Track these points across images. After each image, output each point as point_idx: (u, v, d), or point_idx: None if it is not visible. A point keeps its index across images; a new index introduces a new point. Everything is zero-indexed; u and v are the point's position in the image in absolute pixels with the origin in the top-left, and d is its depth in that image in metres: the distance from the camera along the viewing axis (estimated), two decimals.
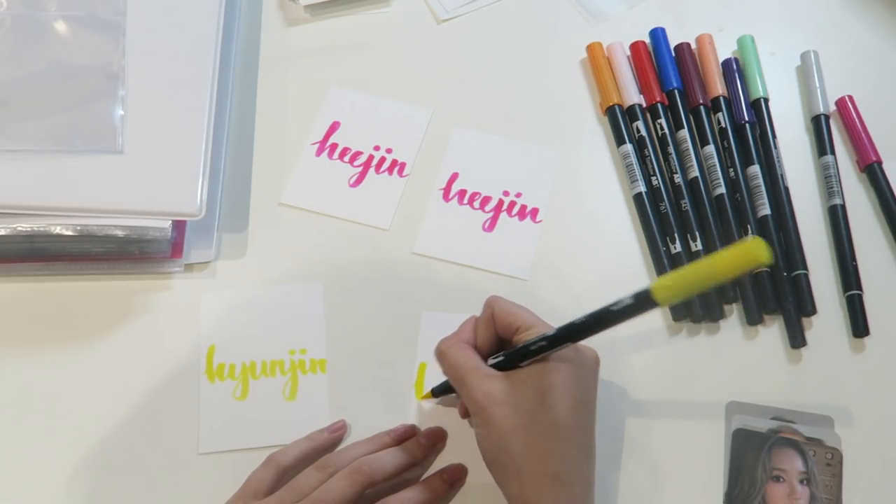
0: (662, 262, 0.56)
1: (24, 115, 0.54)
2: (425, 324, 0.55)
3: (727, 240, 0.57)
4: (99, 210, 0.53)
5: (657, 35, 0.65)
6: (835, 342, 0.54)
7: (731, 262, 0.36)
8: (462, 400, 0.48)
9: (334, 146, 0.61)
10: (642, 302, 0.40)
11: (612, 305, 0.41)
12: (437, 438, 0.50)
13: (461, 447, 0.51)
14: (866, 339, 0.54)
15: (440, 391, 0.51)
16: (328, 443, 0.50)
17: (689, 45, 0.64)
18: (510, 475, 0.44)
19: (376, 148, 0.61)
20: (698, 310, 0.54)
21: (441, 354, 0.47)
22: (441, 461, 0.51)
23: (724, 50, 0.65)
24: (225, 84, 0.61)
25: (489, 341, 0.48)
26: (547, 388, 0.43)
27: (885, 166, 0.59)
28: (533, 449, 0.43)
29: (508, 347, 0.47)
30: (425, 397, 0.52)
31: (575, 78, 0.65)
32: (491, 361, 0.47)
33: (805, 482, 0.50)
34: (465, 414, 0.50)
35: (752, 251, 0.35)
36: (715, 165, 0.59)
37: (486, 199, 0.59)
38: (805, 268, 0.56)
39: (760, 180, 0.58)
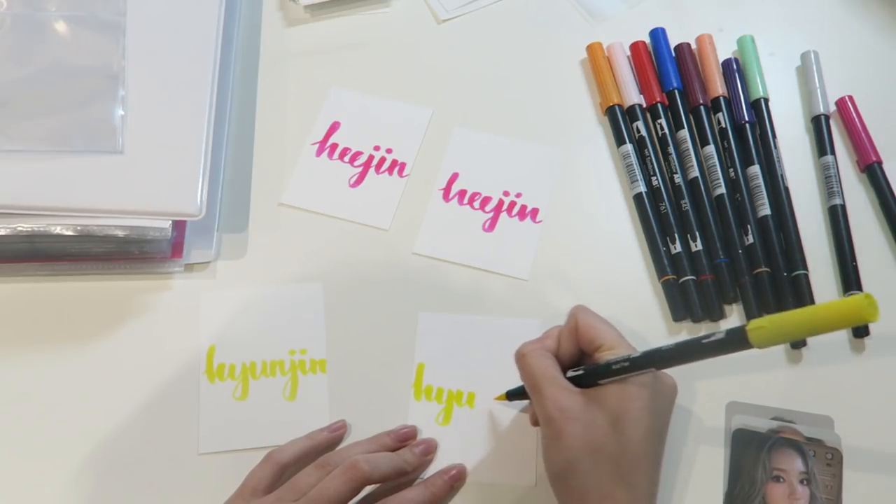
0: (662, 262, 0.56)
1: (24, 115, 0.54)
2: (423, 324, 0.55)
3: (728, 241, 0.57)
4: (99, 210, 0.53)
5: (657, 35, 0.65)
6: (835, 342, 0.54)
7: (836, 317, 0.35)
8: (534, 408, 0.47)
9: (334, 146, 0.61)
10: (735, 340, 0.38)
11: (703, 338, 0.41)
12: (429, 450, 0.50)
13: (462, 448, 0.51)
14: (866, 339, 0.54)
15: (514, 395, 0.51)
16: (328, 442, 0.50)
17: (689, 45, 0.64)
18: (574, 493, 0.43)
19: (376, 148, 0.61)
20: (698, 310, 0.54)
21: (521, 358, 0.47)
22: (443, 461, 0.51)
23: (724, 50, 0.65)
24: (225, 84, 0.61)
25: (570, 352, 0.48)
26: (623, 413, 0.43)
27: (885, 166, 0.59)
28: (601, 472, 0.43)
29: (588, 361, 0.47)
30: (498, 399, 0.52)
31: (575, 78, 0.65)
32: (570, 374, 0.46)
33: (805, 482, 0.50)
34: (537, 423, 0.49)
35: (861, 309, 0.34)
36: (715, 165, 0.59)
37: (486, 199, 0.59)
38: (805, 268, 0.56)
39: (760, 180, 0.58)
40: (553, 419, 0.44)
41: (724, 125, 0.61)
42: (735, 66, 0.63)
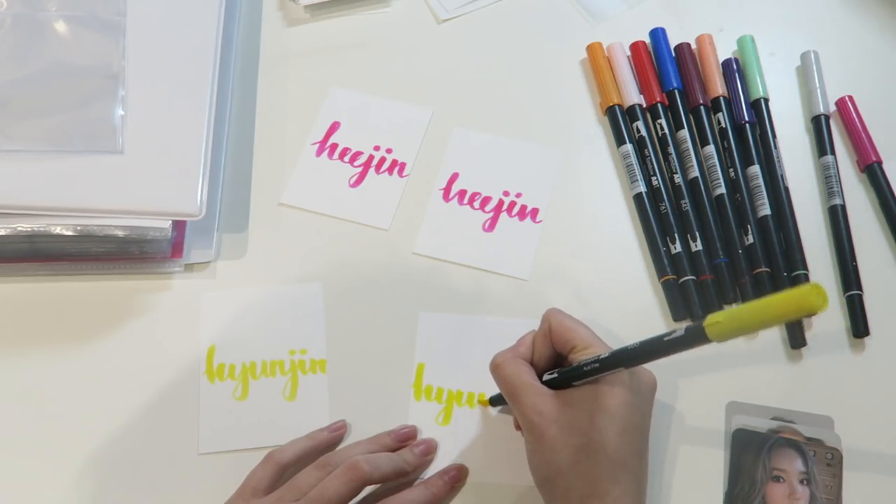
0: (662, 262, 0.56)
1: (25, 115, 0.54)
2: (423, 325, 0.55)
3: (728, 241, 0.57)
4: (99, 210, 0.53)
5: (657, 35, 0.65)
6: (835, 342, 0.54)
7: (787, 306, 0.36)
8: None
9: (334, 146, 0.61)
10: (694, 336, 0.39)
11: (664, 336, 0.41)
12: (429, 450, 0.50)
13: (461, 449, 0.51)
14: (866, 339, 0.54)
15: (497, 400, 0.51)
16: (328, 441, 0.50)
17: (689, 45, 0.64)
18: (557, 494, 0.44)
19: (376, 148, 0.61)
20: (698, 310, 0.54)
21: (496, 368, 0.47)
22: (443, 461, 0.51)
23: (724, 50, 0.65)
24: (225, 84, 0.61)
25: (546, 356, 0.48)
26: (597, 410, 0.43)
27: (885, 166, 0.59)
28: (581, 470, 0.43)
29: (564, 363, 0.47)
30: (483, 403, 0.52)
31: (575, 78, 0.65)
32: (545, 378, 0.47)
33: (805, 482, 0.50)
34: (520, 427, 0.50)
35: (809, 298, 0.35)
36: (715, 165, 0.59)
37: (486, 199, 0.59)
38: (805, 268, 0.56)
39: (760, 180, 0.58)
40: (533, 425, 0.44)
41: (724, 125, 0.61)
42: (735, 66, 0.63)
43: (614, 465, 0.43)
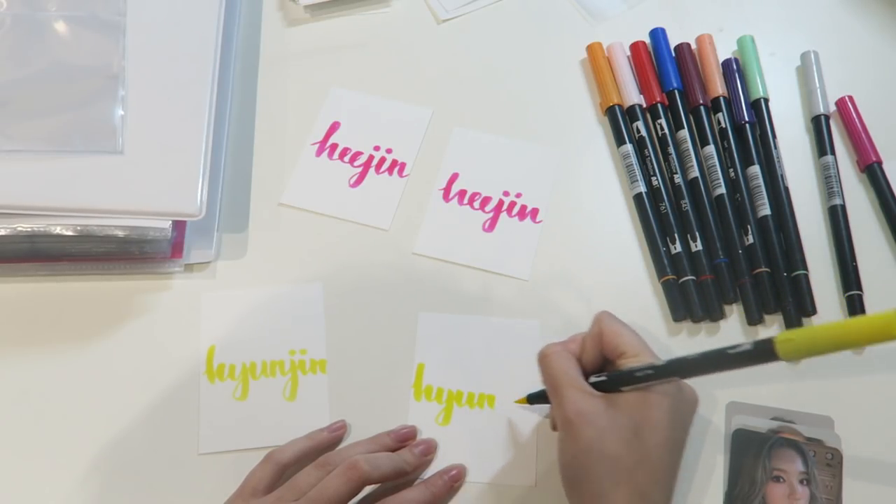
0: (662, 262, 0.56)
1: (25, 115, 0.54)
2: (423, 325, 0.55)
3: (728, 241, 0.57)
4: (99, 210, 0.53)
5: (657, 35, 0.65)
6: None
7: (866, 332, 0.34)
8: (553, 410, 0.47)
9: (334, 146, 0.61)
10: (763, 352, 0.38)
11: (729, 348, 0.40)
12: (428, 450, 0.50)
13: (461, 449, 0.51)
14: None
15: (535, 398, 0.51)
16: (328, 441, 0.50)
17: (689, 45, 0.64)
18: (585, 497, 0.43)
19: (376, 148, 0.61)
20: (698, 310, 0.54)
21: (544, 358, 0.47)
22: (443, 461, 0.51)
23: (724, 50, 0.65)
24: (225, 84, 0.61)
25: (594, 358, 0.47)
26: (643, 420, 0.42)
27: (885, 166, 0.59)
28: (616, 478, 0.42)
29: (610, 368, 0.46)
30: (519, 402, 0.52)
31: (575, 78, 0.65)
32: (592, 379, 0.46)
33: (805, 482, 0.50)
34: (556, 428, 0.48)
35: (892, 325, 0.33)
36: (715, 165, 0.59)
37: (486, 200, 0.59)
38: (805, 268, 0.56)
39: (760, 180, 0.58)
40: (571, 422, 0.43)
41: (724, 125, 0.61)
42: (735, 66, 0.63)
43: (648, 478, 0.42)
